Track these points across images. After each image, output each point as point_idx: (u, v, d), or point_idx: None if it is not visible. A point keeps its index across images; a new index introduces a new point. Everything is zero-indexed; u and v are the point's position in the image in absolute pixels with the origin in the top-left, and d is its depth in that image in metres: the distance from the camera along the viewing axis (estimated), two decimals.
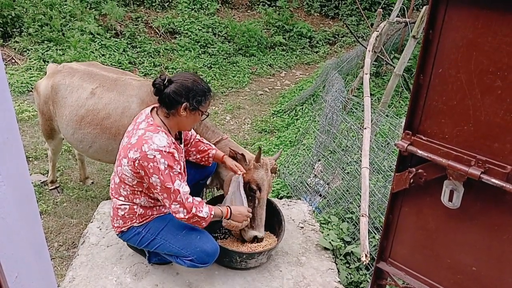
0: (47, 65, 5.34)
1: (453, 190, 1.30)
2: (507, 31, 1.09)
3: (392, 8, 6.49)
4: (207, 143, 2.67)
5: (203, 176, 2.78)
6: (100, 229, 2.82)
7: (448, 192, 1.32)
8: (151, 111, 2.27)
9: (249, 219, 2.50)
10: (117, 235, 2.40)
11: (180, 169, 2.18)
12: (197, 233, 2.33)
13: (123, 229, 2.34)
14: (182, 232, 2.32)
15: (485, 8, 1.11)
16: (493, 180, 1.18)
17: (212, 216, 2.25)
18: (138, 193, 2.27)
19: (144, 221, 2.33)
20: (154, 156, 2.07)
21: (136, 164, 2.12)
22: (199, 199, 2.25)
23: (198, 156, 2.65)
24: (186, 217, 2.17)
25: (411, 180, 1.39)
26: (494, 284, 1.35)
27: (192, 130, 2.62)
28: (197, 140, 2.65)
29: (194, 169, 2.68)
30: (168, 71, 7.55)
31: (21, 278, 1.47)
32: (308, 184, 4.05)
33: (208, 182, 2.93)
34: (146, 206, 2.32)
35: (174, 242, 2.30)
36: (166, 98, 2.16)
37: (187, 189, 2.18)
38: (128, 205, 2.29)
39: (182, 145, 2.44)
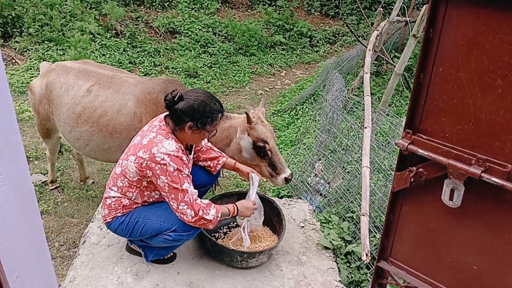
0: None
1: (453, 189, 1.30)
2: (508, 30, 1.09)
3: (392, 7, 6.49)
4: (217, 151, 2.70)
5: (207, 180, 2.78)
6: (101, 229, 2.82)
7: (448, 191, 1.32)
8: (165, 116, 2.32)
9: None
10: (105, 225, 2.46)
11: (188, 172, 2.23)
12: None
13: (107, 218, 2.39)
14: (161, 208, 2.36)
15: (485, 7, 1.11)
16: (494, 179, 1.18)
17: (218, 218, 2.28)
18: (134, 188, 2.32)
19: (127, 211, 2.38)
20: (163, 159, 2.12)
21: (143, 164, 2.17)
22: (206, 201, 2.28)
23: (208, 163, 2.68)
24: (193, 220, 2.21)
25: (412, 179, 1.39)
26: (495, 283, 1.35)
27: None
28: (208, 147, 2.68)
29: (200, 172, 2.69)
30: (168, 71, 7.55)
31: (22, 277, 1.47)
32: (308, 184, 4.05)
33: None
34: (134, 201, 2.37)
35: (155, 218, 2.34)
36: (174, 114, 2.22)
37: (195, 190, 2.23)
38: (118, 196, 2.35)
39: (191, 155, 2.47)
